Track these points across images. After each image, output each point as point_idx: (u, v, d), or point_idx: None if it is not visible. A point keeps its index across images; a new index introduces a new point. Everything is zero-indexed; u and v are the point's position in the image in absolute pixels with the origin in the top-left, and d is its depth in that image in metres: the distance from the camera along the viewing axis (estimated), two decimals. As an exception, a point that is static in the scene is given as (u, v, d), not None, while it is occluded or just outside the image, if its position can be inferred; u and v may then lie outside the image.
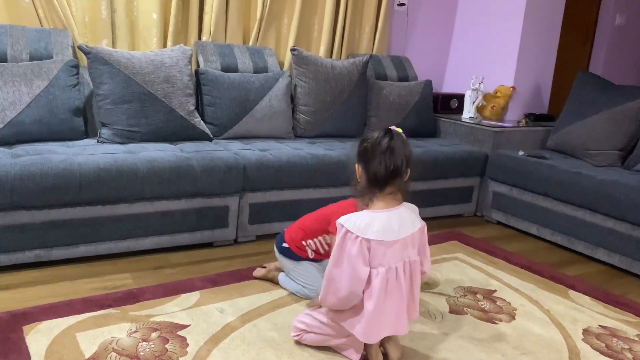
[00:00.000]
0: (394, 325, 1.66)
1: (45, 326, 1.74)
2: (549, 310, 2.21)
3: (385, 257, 1.59)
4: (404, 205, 1.68)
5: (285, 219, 2.72)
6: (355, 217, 1.59)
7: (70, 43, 2.68)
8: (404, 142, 1.62)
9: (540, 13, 3.85)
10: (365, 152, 1.63)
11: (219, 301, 2.02)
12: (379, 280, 1.58)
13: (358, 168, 1.67)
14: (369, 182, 1.63)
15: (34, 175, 2.06)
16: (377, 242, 1.57)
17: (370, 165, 1.61)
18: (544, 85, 4.11)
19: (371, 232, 1.57)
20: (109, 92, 2.55)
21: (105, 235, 2.29)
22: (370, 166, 1.61)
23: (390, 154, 1.58)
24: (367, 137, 1.66)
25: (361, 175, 1.66)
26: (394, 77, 3.74)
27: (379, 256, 1.58)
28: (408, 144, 1.64)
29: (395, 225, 1.60)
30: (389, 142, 1.59)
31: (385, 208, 1.63)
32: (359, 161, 1.66)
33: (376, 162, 1.59)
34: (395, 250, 1.61)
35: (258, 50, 3.25)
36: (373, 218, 1.59)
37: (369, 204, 1.64)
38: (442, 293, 2.28)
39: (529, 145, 3.58)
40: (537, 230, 3.13)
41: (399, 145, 1.60)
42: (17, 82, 2.38)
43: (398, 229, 1.61)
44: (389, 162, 1.58)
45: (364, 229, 1.56)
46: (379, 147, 1.59)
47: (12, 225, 2.09)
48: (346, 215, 1.60)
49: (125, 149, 2.44)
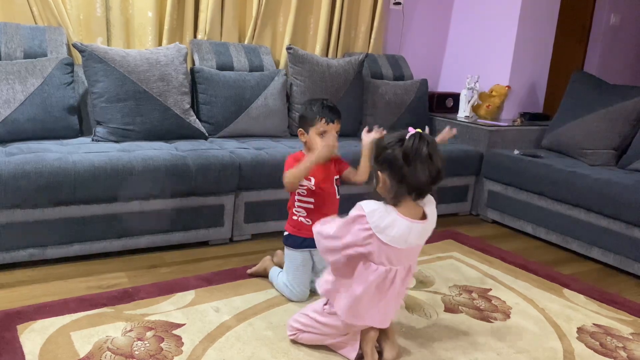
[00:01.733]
0: (379, 319, 1.67)
1: (39, 325, 1.74)
2: (543, 308, 2.21)
3: (389, 258, 1.58)
4: (428, 207, 1.62)
5: (281, 218, 2.71)
6: (380, 213, 1.53)
7: (65, 41, 2.67)
8: (436, 144, 1.56)
9: (535, 12, 3.86)
10: (395, 160, 1.51)
11: (214, 300, 2.02)
12: (375, 276, 1.58)
13: (382, 175, 1.57)
14: (405, 190, 1.54)
15: (29, 174, 2.05)
16: (388, 246, 1.55)
17: (410, 174, 1.50)
18: (539, 85, 4.12)
19: (387, 235, 1.52)
20: (104, 91, 2.54)
21: (100, 233, 2.28)
22: (409, 175, 1.50)
23: (432, 161, 1.50)
24: (390, 142, 1.55)
25: (386, 182, 1.56)
26: (390, 76, 3.74)
27: (383, 255, 1.57)
28: (436, 143, 1.58)
29: (413, 237, 1.56)
30: (427, 148, 1.50)
31: (409, 214, 1.55)
32: (383, 169, 1.56)
33: (418, 171, 1.49)
34: (401, 256, 1.59)
35: (254, 49, 3.24)
36: (395, 221, 1.53)
37: (396, 204, 1.57)
38: (437, 292, 2.28)
39: (524, 144, 3.59)
40: (532, 229, 3.14)
41: (435, 149, 1.52)
42: (11, 80, 2.37)
43: (413, 240, 1.58)
44: (433, 170, 1.50)
45: (383, 229, 1.52)
46: (419, 155, 1.49)
47: (6, 224, 2.07)
48: (371, 204, 1.54)
49: (120, 147, 2.43)
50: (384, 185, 1.58)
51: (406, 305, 2.12)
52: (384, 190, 1.59)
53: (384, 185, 1.58)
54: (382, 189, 1.59)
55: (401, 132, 1.55)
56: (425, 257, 2.65)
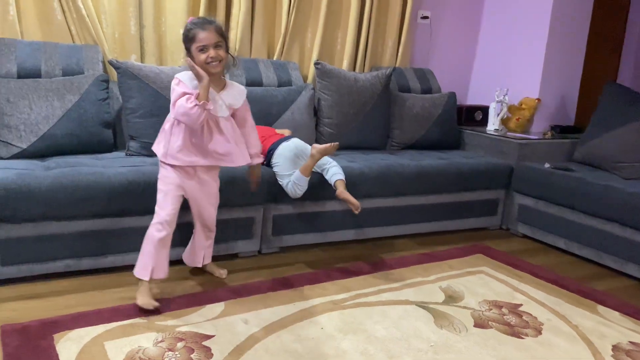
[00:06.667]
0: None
1: (75, 334, 1.79)
2: (576, 325, 2.17)
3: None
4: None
5: (308, 231, 2.74)
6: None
7: (101, 58, 2.76)
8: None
9: (565, 24, 3.82)
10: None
11: (243, 312, 2.04)
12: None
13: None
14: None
15: (65, 187, 2.12)
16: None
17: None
18: (570, 97, 4.06)
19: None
20: (138, 106, 2.62)
21: (133, 245, 2.33)
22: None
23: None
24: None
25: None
26: (417, 89, 3.74)
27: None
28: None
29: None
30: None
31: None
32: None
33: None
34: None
35: (282, 65, 3.29)
36: None
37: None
38: (466, 307, 2.25)
39: (555, 157, 3.53)
40: (565, 244, 3.08)
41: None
42: (50, 97, 2.46)
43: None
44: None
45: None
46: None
47: (43, 236, 2.15)
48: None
49: (152, 161, 2.49)
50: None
51: (435, 319, 2.11)
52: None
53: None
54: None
55: None
56: (454, 272, 2.63)
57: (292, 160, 2.54)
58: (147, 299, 1.99)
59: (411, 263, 2.70)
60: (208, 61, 1.97)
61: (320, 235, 2.76)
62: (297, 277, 2.42)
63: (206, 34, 1.96)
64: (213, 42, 1.97)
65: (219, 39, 2.00)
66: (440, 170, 3.11)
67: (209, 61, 1.97)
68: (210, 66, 1.98)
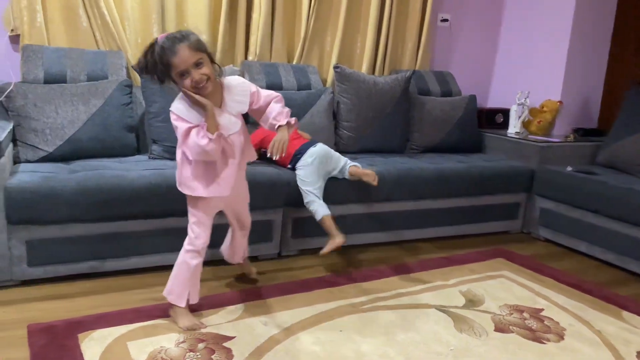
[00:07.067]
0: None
1: (98, 334, 1.82)
2: (600, 330, 2.13)
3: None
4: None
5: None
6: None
7: (125, 64, 2.82)
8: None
9: (588, 24, 3.77)
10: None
11: (262, 314, 2.06)
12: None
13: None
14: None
15: (90, 190, 2.17)
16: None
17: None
18: (593, 99, 4.00)
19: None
20: (160, 110, 2.66)
21: (155, 247, 2.37)
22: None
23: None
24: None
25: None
26: (437, 92, 3.73)
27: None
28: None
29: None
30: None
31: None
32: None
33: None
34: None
35: (301, 69, 3.31)
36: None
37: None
38: (487, 311, 2.24)
39: (578, 160, 3.48)
40: (587, 248, 3.03)
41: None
42: (75, 102, 2.52)
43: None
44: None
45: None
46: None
47: (68, 238, 2.19)
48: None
49: (174, 164, 2.51)
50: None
51: (455, 323, 2.10)
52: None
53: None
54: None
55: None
56: (474, 276, 2.61)
57: (317, 167, 2.57)
58: (191, 320, 1.93)
59: (431, 267, 2.69)
60: (195, 85, 1.73)
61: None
62: (316, 280, 2.43)
63: (180, 57, 1.70)
64: (192, 62, 1.71)
65: (198, 55, 1.72)
66: (460, 173, 3.10)
67: (196, 85, 1.73)
68: (200, 90, 1.75)
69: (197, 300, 2.00)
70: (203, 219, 1.92)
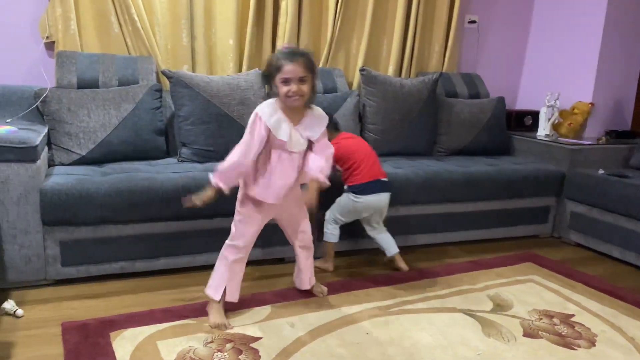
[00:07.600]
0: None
1: (129, 333, 1.86)
2: (633, 337, 2.08)
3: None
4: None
5: (353, 237, 2.75)
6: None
7: (155, 69, 2.88)
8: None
9: (620, 24, 3.69)
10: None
11: (289, 316, 2.07)
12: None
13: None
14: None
15: (121, 192, 2.22)
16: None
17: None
18: (626, 101, 3.91)
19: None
20: (189, 114, 2.70)
21: (185, 249, 2.41)
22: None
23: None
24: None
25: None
26: (465, 94, 3.70)
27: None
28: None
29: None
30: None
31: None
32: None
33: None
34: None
35: (327, 72, 3.33)
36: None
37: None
38: (515, 315, 2.21)
39: (610, 163, 3.41)
40: (620, 252, 2.96)
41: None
42: (107, 106, 2.58)
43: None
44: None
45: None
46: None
47: (100, 239, 2.25)
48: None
49: (203, 167, 2.56)
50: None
51: (482, 328, 2.07)
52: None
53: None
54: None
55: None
56: (503, 280, 2.58)
57: (361, 215, 2.54)
58: (220, 318, 1.97)
59: (458, 271, 2.67)
60: (289, 94, 1.87)
61: (366, 241, 2.76)
62: (342, 283, 2.43)
63: (292, 67, 1.85)
64: (298, 76, 1.86)
65: (306, 73, 1.88)
66: (489, 176, 3.06)
67: (289, 95, 1.87)
68: (289, 100, 1.88)
69: (236, 300, 2.03)
70: (247, 219, 2.00)
